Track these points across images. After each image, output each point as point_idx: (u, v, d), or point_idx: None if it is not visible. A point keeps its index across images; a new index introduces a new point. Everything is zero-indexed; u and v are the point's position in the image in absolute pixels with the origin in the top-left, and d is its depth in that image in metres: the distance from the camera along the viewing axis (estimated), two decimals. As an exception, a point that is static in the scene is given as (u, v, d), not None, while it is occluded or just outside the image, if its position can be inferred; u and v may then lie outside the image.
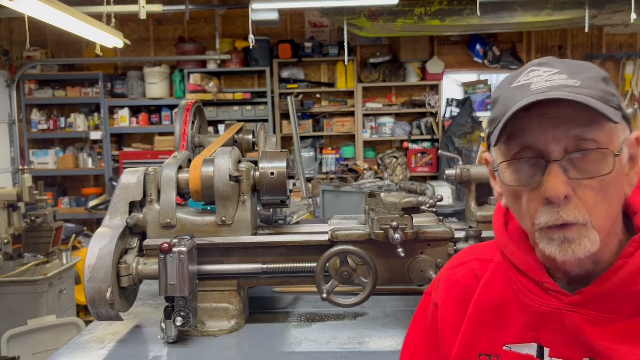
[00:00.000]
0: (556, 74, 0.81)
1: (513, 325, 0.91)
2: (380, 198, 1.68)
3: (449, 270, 1.05)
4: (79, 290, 4.20)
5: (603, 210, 0.81)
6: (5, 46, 6.91)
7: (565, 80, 0.80)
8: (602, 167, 0.79)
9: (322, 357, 1.52)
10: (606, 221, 0.82)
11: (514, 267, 0.92)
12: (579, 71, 0.82)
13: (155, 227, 1.68)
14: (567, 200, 0.79)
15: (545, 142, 0.80)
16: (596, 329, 0.82)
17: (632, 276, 0.81)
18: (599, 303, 0.83)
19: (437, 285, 1.06)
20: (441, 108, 6.82)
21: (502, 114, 0.82)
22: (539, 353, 0.87)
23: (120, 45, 4.77)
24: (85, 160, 6.84)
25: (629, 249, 0.83)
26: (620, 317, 0.82)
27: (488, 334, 0.93)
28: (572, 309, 0.84)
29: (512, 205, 0.89)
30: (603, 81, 0.82)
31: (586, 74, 0.82)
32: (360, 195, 5.21)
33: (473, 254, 1.05)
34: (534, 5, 5.36)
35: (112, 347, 1.62)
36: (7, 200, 3.49)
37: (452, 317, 0.99)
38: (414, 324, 1.10)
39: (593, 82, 0.81)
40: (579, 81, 0.80)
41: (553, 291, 0.87)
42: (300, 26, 7.05)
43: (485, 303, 0.95)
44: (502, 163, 0.86)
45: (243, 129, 2.26)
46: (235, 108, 6.56)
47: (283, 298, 2.03)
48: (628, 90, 6.77)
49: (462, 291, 1.00)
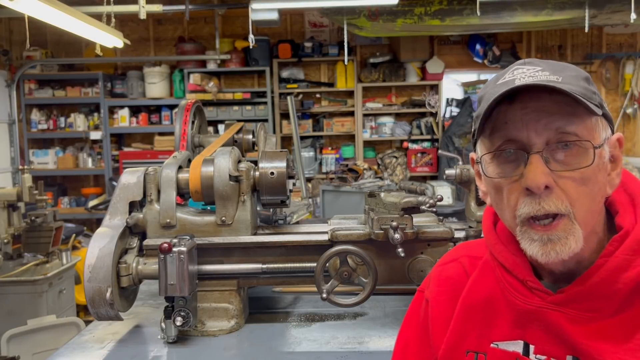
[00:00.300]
0: (539, 71, 0.83)
1: (500, 323, 0.92)
2: (380, 198, 1.68)
3: (441, 266, 1.07)
4: (79, 290, 4.20)
5: (585, 204, 0.81)
6: (5, 46, 6.91)
7: (548, 76, 0.81)
8: (583, 159, 0.81)
9: (322, 357, 1.52)
10: (588, 216, 0.82)
11: (500, 266, 0.93)
12: (561, 69, 0.84)
13: (155, 227, 1.68)
14: (548, 190, 0.80)
15: (528, 134, 0.81)
16: (578, 328, 0.83)
17: (612, 275, 0.81)
18: (580, 302, 0.84)
19: (429, 282, 1.07)
20: (441, 108, 6.82)
21: (485, 107, 0.84)
22: (525, 350, 0.88)
23: (120, 45, 4.77)
24: (85, 160, 6.85)
25: (609, 248, 0.83)
26: (602, 316, 0.82)
27: (476, 331, 0.94)
28: (554, 308, 0.85)
29: (495, 200, 0.90)
30: (585, 80, 0.84)
31: (568, 72, 0.84)
32: (360, 195, 5.21)
33: (464, 250, 1.07)
34: (534, 5, 5.36)
35: (112, 347, 1.62)
36: (7, 200, 3.49)
37: (443, 313, 1.00)
38: (407, 320, 1.11)
39: (574, 80, 0.82)
40: (561, 77, 0.81)
41: (537, 290, 0.88)
42: (300, 26, 7.06)
43: (474, 300, 0.96)
44: (485, 155, 0.87)
45: (243, 129, 2.26)
46: (235, 108, 6.56)
47: (283, 298, 2.03)
48: (628, 90, 6.77)
49: (453, 287, 1.01)
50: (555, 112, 0.81)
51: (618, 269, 0.81)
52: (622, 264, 0.81)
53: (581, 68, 0.87)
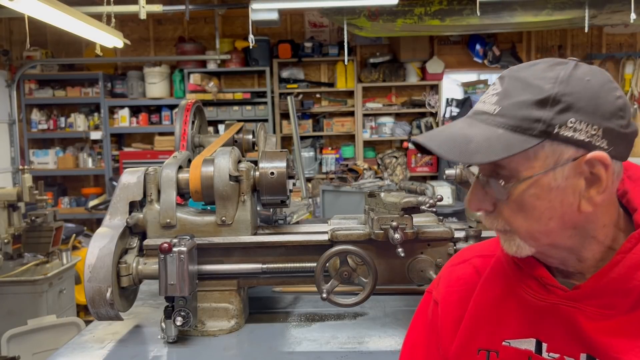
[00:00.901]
0: (494, 95, 0.84)
1: (512, 320, 0.91)
2: (380, 198, 1.68)
3: (451, 267, 1.07)
4: (79, 290, 4.20)
5: (524, 225, 0.84)
6: (5, 46, 6.91)
7: (491, 105, 0.83)
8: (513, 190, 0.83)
9: (322, 357, 1.52)
10: (534, 233, 0.84)
11: (513, 263, 0.93)
12: (515, 93, 0.81)
13: (156, 227, 1.68)
14: (484, 212, 0.88)
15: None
16: (594, 324, 0.83)
17: (629, 271, 0.82)
18: (596, 298, 0.84)
19: (439, 283, 1.07)
20: (441, 108, 6.82)
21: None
22: (537, 348, 0.88)
23: (120, 45, 4.77)
24: (85, 160, 6.84)
25: (627, 245, 0.83)
26: (618, 312, 0.82)
27: (488, 329, 0.94)
28: (570, 304, 0.85)
29: None
30: (536, 105, 0.80)
31: (519, 97, 0.81)
32: (360, 195, 5.21)
33: (475, 251, 1.07)
34: (534, 5, 5.36)
35: (112, 347, 1.62)
36: (7, 200, 3.49)
37: (453, 313, 1.00)
38: (415, 322, 1.11)
39: (517, 108, 0.80)
40: (500, 107, 0.82)
41: (551, 286, 0.88)
42: (300, 26, 7.06)
43: (486, 298, 0.96)
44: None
45: (243, 129, 2.26)
46: (235, 108, 6.56)
47: (283, 298, 2.03)
48: (628, 90, 6.77)
49: (464, 287, 1.01)
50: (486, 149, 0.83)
51: (635, 266, 0.81)
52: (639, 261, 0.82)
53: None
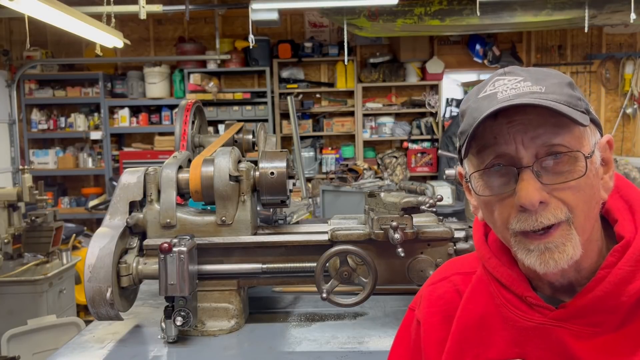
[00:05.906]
0: (521, 81, 0.80)
1: (497, 340, 0.88)
2: (380, 198, 1.68)
3: (431, 286, 1.03)
4: (79, 290, 4.20)
5: (584, 210, 0.79)
6: (5, 46, 6.91)
7: (531, 87, 0.79)
8: (575, 170, 0.78)
9: (322, 357, 1.52)
10: (586, 222, 0.80)
11: (496, 281, 0.90)
12: (543, 77, 0.81)
13: (156, 227, 1.68)
14: (543, 205, 0.78)
15: (516, 148, 0.79)
16: (582, 343, 0.80)
17: (616, 288, 0.79)
18: (583, 317, 0.81)
19: (420, 301, 1.03)
20: (441, 108, 6.82)
21: (470, 125, 0.81)
22: None
23: (120, 45, 4.77)
24: (85, 160, 6.85)
25: (610, 259, 0.81)
26: (606, 330, 0.80)
27: (473, 351, 0.90)
28: (557, 324, 0.82)
29: (487, 217, 0.87)
30: (569, 86, 0.81)
31: (551, 80, 0.81)
32: (360, 195, 5.20)
33: (454, 267, 1.03)
34: (534, 5, 5.36)
35: (112, 347, 1.62)
36: (7, 200, 3.49)
37: (436, 334, 0.97)
38: (398, 339, 1.08)
39: (558, 88, 0.80)
40: (543, 87, 0.79)
41: (537, 306, 0.85)
42: (300, 26, 7.06)
43: (469, 319, 0.92)
44: (474, 174, 0.84)
45: (243, 129, 2.26)
46: (235, 108, 6.57)
47: (283, 298, 2.03)
48: (628, 90, 6.77)
49: (445, 307, 0.97)
50: (541, 124, 0.78)
51: (622, 282, 0.79)
52: (626, 276, 0.79)
53: (581, 68, 0.85)
